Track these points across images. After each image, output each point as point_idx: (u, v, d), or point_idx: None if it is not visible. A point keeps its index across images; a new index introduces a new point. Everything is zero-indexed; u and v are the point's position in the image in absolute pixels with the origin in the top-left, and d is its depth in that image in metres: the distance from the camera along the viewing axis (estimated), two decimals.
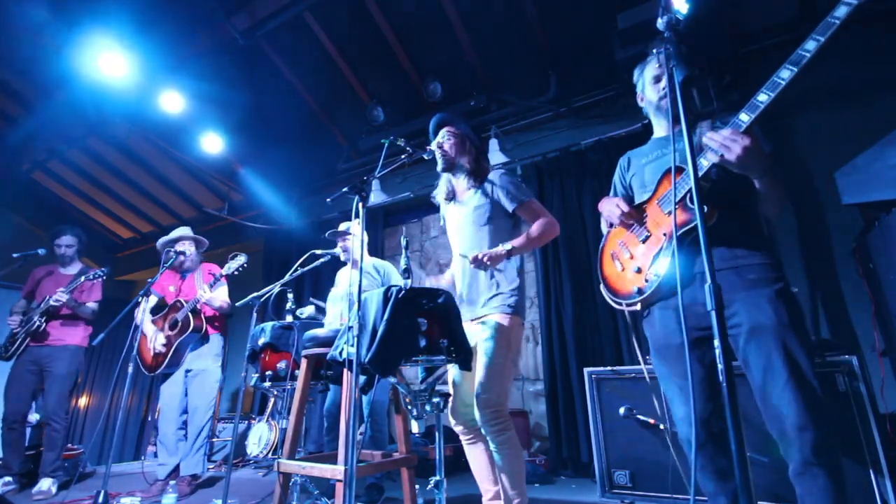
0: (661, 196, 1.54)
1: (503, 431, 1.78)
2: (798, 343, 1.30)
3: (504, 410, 1.80)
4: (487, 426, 1.78)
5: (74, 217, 6.70)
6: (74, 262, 3.70)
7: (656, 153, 1.66)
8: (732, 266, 1.40)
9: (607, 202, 1.70)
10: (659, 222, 1.52)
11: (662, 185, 1.54)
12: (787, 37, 3.29)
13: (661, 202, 1.54)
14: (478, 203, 2.02)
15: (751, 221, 1.48)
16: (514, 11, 3.81)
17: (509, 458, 1.79)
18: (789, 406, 1.26)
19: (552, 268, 3.83)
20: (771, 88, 1.28)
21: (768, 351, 1.31)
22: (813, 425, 1.24)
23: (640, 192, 1.68)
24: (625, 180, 1.79)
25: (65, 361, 3.37)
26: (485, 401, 1.77)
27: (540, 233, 1.96)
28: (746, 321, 1.35)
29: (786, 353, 1.29)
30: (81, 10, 3.82)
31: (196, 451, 3.14)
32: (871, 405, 1.97)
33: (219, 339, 3.38)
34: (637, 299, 1.52)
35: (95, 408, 6.35)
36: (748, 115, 1.32)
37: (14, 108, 5.12)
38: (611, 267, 1.68)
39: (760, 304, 1.34)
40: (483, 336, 1.85)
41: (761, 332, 1.32)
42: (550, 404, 3.61)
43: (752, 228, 1.47)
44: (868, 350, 2.68)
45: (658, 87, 1.60)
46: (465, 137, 2.13)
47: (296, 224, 5.52)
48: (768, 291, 1.35)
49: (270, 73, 4.53)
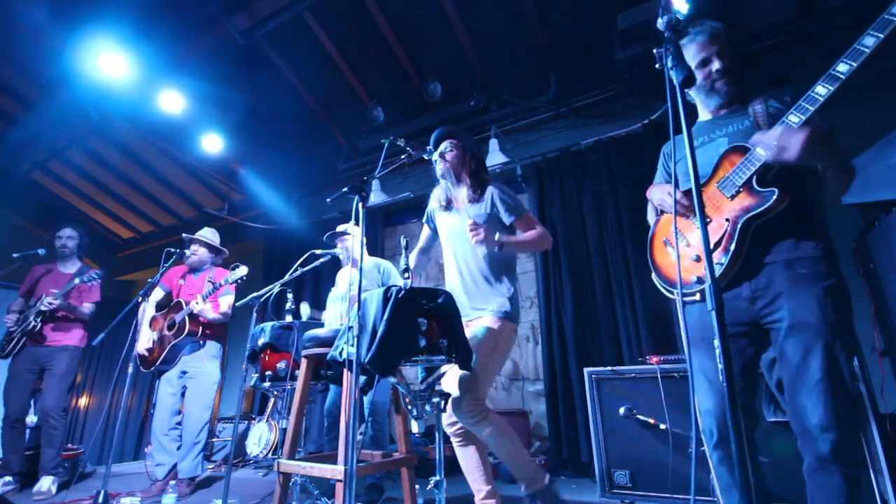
0: (721, 179, 1.44)
1: (481, 419, 1.85)
2: (841, 346, 1.26)
3: (482, 403, 1.88)
4: (466, 419, 1.86)
5: (74, 217, 6.69)
6: (73, 260, 3.69)
7: (703, 137, 1.59)
8: (785, 259, 1.35)
9: (658, 189, 1.66)
10: (720, 207, 1.43)
11: (721, 168, 1.45)
12: (788, 37, 3.29)
13: (721, 185, 1.44)
14: (476, 214, 2.07)
15: (808, 210, 1.40)
16: (514, 11, 3.81)
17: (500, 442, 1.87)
18: (816, 405, 1.25)
19: (552, 268, 3.83)
20: (830, 82, 1.28)
21: (807, 349, 1.27)
22: (837, 428, 1.22)
23: (685, 179, 1.59)
24: (668, 168, 1.73)
25: (63, 361, 3.37)
26: (464, 398, 1.84)
27: (532, 239, 2.04)
28: (788, 317, 1.31)
29: (825, 354, 1.25)
30: (82, 10, 3.81)
31: (195, 453, 3.13)
32: (872, 405, 1.97)
33: (215, 344, 3.38)
34: (697, 288, 1.43)
35: (95, 408, 6.35)
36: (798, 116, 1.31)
37: (14, 107, 5.12)
38: (664, 255, 1.59)
39: (807, 302, 1.30)
40: (473, 337, 1.91)
41: (804, 329, 1.29)
42: (550, 404, 3.61)
43: (808, 217, 1.39)
44: (868, 350, 2.68)
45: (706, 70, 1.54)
46: (467, 150, 2.19)
47: (296, 224, 5.52)
48: (817, 289, 1.30)
49: (270, 73, 4.53)
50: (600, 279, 3.63)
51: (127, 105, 4.54)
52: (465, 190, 2.15)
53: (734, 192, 1.40)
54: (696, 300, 1.47)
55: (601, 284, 3.61)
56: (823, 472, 1.25)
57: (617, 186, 3.73)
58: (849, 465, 1.24)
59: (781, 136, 1.29)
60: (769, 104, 1.46)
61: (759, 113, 1.46)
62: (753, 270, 1.38)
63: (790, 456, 1.43)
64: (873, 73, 3.20)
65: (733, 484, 1.40)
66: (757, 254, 1.39)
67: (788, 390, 1.33)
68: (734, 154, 1.43)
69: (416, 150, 2.03)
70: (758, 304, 1.38)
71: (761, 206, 1.34)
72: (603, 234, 3.71)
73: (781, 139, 1.28)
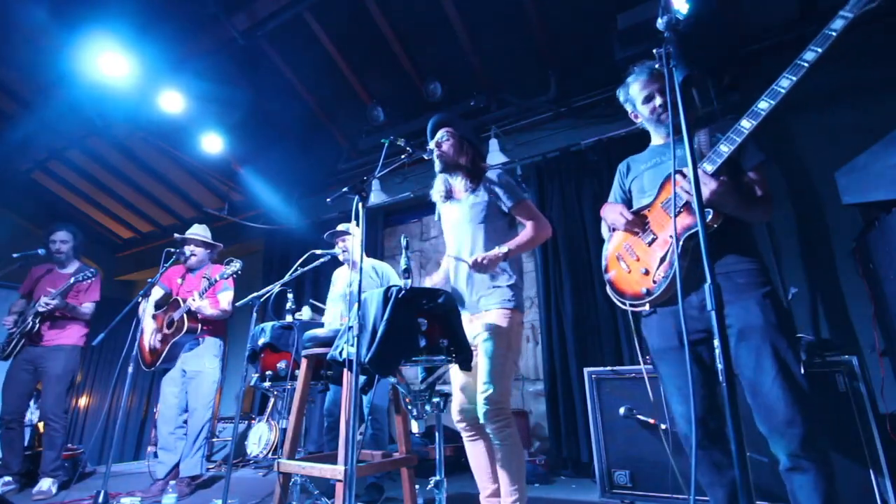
0: (665, 200, 1.59)
1: (505, 428, 1.80)
2: (786, 343, 1.37)
3: (506, 408, 1.82)
4: (490, 423, 1.80)
5: (74, 217, 6.69)
6: (71, 261, 3.67)
7: (655, 160, 1.72)
8: (724, 272, 1.47)
9: (610, 208, 1.76)
10: (664, 225, 1.58)
11: (665, 190, 1.60)
12: (787, 37, 3.29)
13: (665, 206, 1.59)
14: (474, 202, 2.03)
15: (740, 230, 1.53)
16: (514, 11, 3.81)
17: (510, 455, 1.82)
18: (778, 401, 1.32)
19: (552, 268, 3.83)
20: (771, 97, 1.37)
21: (758, 350, 1.38)
22: (800, 420, 1.29)
23: (639, 196, 1.75)
24: (624, 185, 1.86)
25: (60, 361, 3.36)
26: (488, 399, 1.79)
27: (534, 235, 1.99)
28: (737, 323, 1.42)
29: (774, 352, 1.36)
30: (82, 9, 3.81)
31: (195, 452, 3.14)
32: (871, 405, 1.97)
33: (216, 341, 3.38)
34: (646, 300, 1.56)
35: (95, 408, 6.35)
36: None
37: (14, 107, 5.12)
38: (616, 268, 1.72)
39: (749, 307, 1.42)
40: (483, 336, 1.86)
41: (751, 332, 1.40)
42: (550, 404, 3.61)
43: (741, 236, 1.53)
44: (868, 350, 2.68)
45: (650, 106, 1.68)
46: (463, 138, 2.14)
47: (296, 224, 5.52)
48: (756, 295, 1.43)
49: (270, 73, 4.53)
50: (600, 279, 3.58)
51: (127, 105, 4.54)
52: (463, 179, 2.11)
53: (676, 213, 1.50)
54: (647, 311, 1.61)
55: (601, 284, 3.59)
56: (798, 471, 1.31)
57: None
58: (820, 457, 1.29)
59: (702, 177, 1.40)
60: (714, 136, 1.57)
61: (703, 143, 1.58)
62: (698, 283, 1.45)
63: None
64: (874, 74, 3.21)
65: (717, 482, 1.47)
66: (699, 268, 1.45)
67: (749, 394, 1.40)
68: (678, 177, 1.54)
69: (416, 150, 2.03)
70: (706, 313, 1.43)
71: (695, 226, 1.42)
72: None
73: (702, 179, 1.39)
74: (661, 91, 1.65)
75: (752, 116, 1.38)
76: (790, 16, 3.33)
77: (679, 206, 1.48)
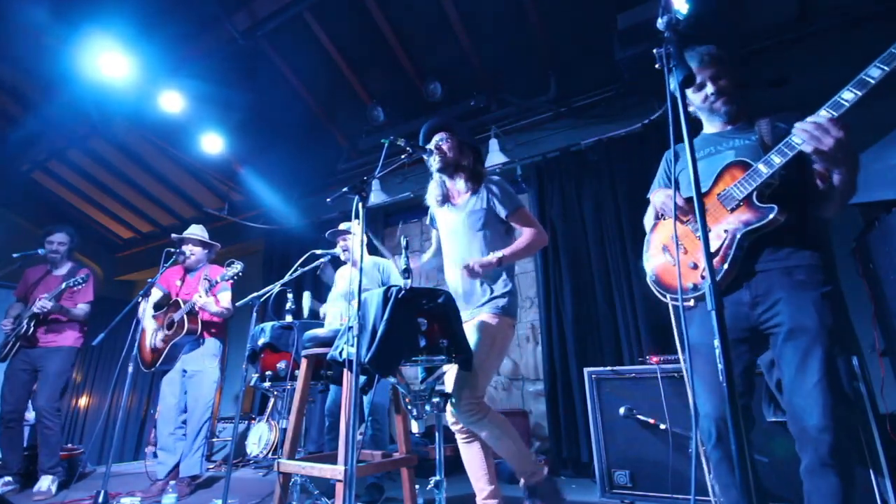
0: (722, 191, 1.49)
1: (481, 418, 1.83)
2: (840, 349, 1.30)
3: (481, 401, 1.86)
4: (464, 417, 1.84)
5: (74, 217, 6.70)
6: (65, 263, 3.65)
7: (709, 149, 1.62)
8: (783, 266, 1.40)
9: (661, 193, 1.68)
10: (718, 217, 1.48)
11: (723, 180, 1.49)
12: (788, 37, 3.29)
13: (721, 197, 1.49)
14: (474, 208, 2.04)
15: (804, 221, 1.44)
16: (514, 11, 3.81)
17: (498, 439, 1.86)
18: (815, 406, 1.27)
19: (552, 268, 3.83)
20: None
21: (805, 351, 1.31)
22: (834, 429, 1.25)
23: (688, 186, 1.64)
24: (670, 173, 1.76)
25: (57, 362, 3.36)
26: (462, 396, 1.82)
27: (529, 243, 1.99)
28: (788, 321, 1.35)
29: (824, 356, 1.29)
30: (82, 10, 3.82)
31: (194, 452, 3.13)
32: (871, 405, 1.97)
33: (215, 342, 3.37)
34: (692, 295, 1.49)
35: (95, 408, 6.35)
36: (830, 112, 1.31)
37: (14, 107, 5.12)
38: (661, 259, 1.64)
39: (805, 306, 1.34)
40: (470, 334, 1.90)
41: (802, 333, 1.33)
42: (550, 404, 3.61)
43: (805, 228, 1.44)
44: (868, 350, 2.67)
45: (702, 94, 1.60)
46: (462, 142, 2.14)
47: (296, 224, 5.51)
48: (814, 294, 1.35)
49: (270, 74, 4.53)
50: (600, 279, 3.62)
51: (127, 105, 4.54)
52: (461, 183, 2.11)
53: (734, 206, 1.44)
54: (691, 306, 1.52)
55: (601, 284, 3.61)
56: (820, 474, 1.27)
57: (617, 186, 3.72)
58: (846, 467, 1.25)
59: (821, 126, 1.29)
60: (776, 125, 1.50)
61: (765, 131, 1.51)
62: (753, 277, 1.42)
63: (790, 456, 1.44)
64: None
65: (732, 483, 1.42)
66: (756, 262, 1.43)
67: (787, 392, 1.35)
68: (736, 168, 1.47)
69: (416, 150, 2.02)
70: (758, 310, 1.41)
71: (760, 220, 1.39)
72: (603, 234, 3.71)
73: (819, 129, 1.29)
74: (712, 78, 1.57)
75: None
76: (790, 16, 3.33)
77: (739, 199, 1.40)
